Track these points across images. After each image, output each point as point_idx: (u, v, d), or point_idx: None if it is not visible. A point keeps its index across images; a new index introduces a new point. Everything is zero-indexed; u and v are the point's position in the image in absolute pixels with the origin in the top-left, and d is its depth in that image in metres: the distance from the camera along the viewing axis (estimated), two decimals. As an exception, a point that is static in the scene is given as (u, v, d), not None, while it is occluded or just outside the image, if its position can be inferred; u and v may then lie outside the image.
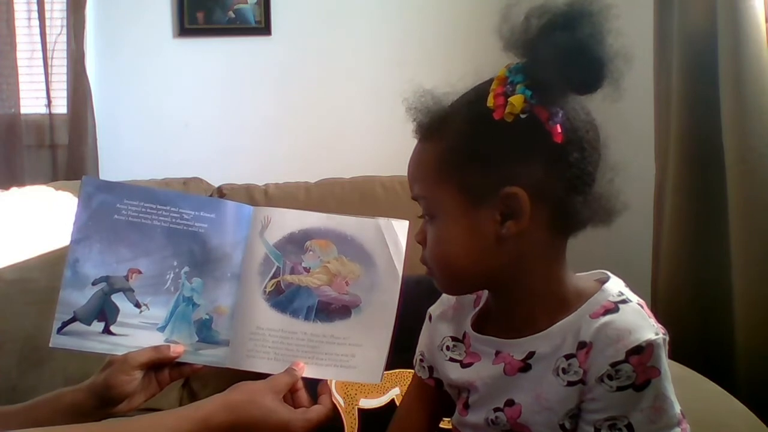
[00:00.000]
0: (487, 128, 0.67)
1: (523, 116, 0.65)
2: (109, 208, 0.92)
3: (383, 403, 1.26)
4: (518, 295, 0.74)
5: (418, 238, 0.77)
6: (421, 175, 0.74)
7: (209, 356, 0.93)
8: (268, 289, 0.93)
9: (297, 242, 0.93)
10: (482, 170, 0.69)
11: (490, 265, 0.71)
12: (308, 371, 0.90)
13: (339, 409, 1.25)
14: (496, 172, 0.68)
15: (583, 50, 0.64)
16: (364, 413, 1.26)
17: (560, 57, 0.64)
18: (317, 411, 0.86)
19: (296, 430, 0.83)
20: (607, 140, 0.71)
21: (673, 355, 0.68)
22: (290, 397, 0.87)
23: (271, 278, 0.93)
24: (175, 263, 0.93)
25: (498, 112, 0.66)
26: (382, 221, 0.92)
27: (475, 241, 0.70)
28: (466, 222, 0.70)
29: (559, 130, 0.66)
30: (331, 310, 0.92)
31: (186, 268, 0.93)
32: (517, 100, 0.65)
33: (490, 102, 0.66)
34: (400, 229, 0.92)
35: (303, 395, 0.88)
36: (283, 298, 0.92)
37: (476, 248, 0.71)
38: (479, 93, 0.69)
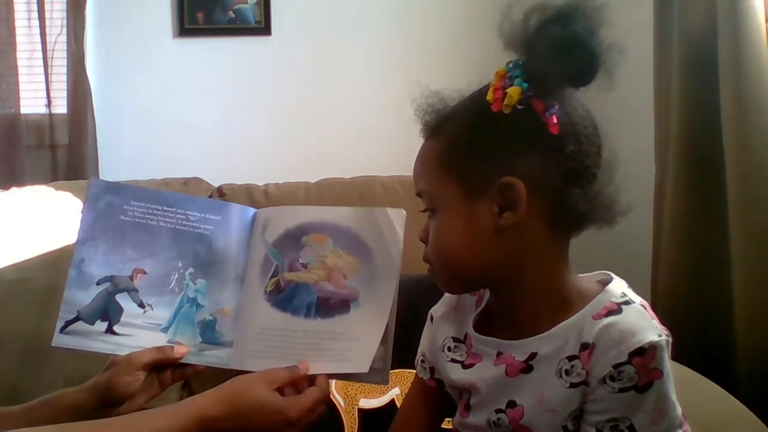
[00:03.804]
0: (485, 121, 0.70)
1: (519, 107, 0.67)
2: (116, 209, 0.92)
3: (383, 403, 1.27)
4: (519, 295, 0.74)
5: (421, 236, 0.77)
6: (425, 170, 0.76)
7: (212, 357, 0.92)
8: (268, 289, 0.92)
9: (293, 238, 0.92)
10: (481, 162, 0.71)
11: (489, 258, 0.72)
12: (311, 368, 0.87)
13: (339, 409, 1.25)
14: (494, 164, 0.70)
15: (574, 41, 0.66)
16: (364, 413, 1.26)
17: (553, 49, 0.66)
18: (311, 394, 0.83)
19: (292, 415, 0.81)
20: (607, 139, 0.72)
21: (673, 355, 0.68)
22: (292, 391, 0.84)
23: (271, 277, 0.92)
24: (180, 264, 0.93)
25: (496, 104, 0.68)
26: (377, 210, 0.90)
27: (474, 233, 0.71)
28: (465, 213, 0.72)
29: (555, 121, 0.67)
30: (330, 306, 0.89)
31: (191, 269, 0.93)
32: (514, 92, 0.67)
33: (490, 96, 0.69)
34: (396, 218, 0.88)
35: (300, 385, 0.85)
36: (284, 297, 0.91)
37: (475, 240, 0.71)
38: (481, 91, 0.71)
